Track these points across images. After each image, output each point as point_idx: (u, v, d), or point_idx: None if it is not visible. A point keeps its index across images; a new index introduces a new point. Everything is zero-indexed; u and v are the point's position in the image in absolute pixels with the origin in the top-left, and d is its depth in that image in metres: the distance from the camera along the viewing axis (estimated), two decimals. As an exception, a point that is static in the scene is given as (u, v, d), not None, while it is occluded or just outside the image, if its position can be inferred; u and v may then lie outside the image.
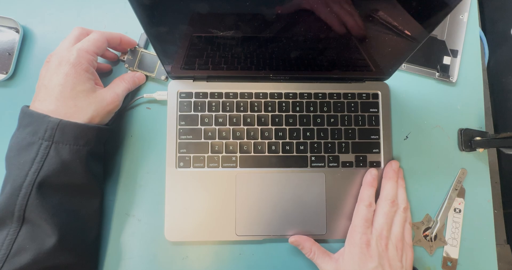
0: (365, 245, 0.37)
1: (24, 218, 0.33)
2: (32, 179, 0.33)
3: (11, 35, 0.44)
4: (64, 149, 0.34)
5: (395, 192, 0.40)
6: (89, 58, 0.37)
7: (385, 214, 0.39)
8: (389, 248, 0.37)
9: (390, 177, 0.41)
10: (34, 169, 0.33)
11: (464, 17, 0.49)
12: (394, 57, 0.38)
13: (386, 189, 0.41)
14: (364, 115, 0.44)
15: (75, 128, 0.35)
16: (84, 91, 0.36)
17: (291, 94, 0.44)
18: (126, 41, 0.42)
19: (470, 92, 0.48)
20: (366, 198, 0.40)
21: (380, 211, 0.39)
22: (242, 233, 0.41)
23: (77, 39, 0.38)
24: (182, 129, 0.42)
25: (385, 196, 0.40)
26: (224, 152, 0.42)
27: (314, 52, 0.37)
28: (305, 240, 0.40)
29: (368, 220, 0.39)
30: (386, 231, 0.38)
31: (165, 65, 0.39)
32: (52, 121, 0.34)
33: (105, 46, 0.40)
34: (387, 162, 0.43)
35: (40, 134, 0.34)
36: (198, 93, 0.43)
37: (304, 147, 0.43)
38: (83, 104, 0.36)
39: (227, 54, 0.37)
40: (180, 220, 0.41)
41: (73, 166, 0.35)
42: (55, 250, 0.33)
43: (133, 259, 0.42)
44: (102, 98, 0.38)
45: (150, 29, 0.32)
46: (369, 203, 0.40)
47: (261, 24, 0.31)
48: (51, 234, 0.33)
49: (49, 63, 0.36)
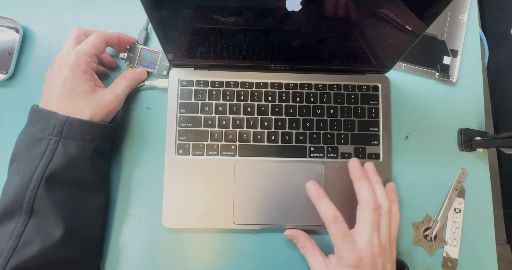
0: (356, 262, 0.34)
1: (32, 210, 0.33)
2: (41, 172, 0.34)
3: (11, 35, 0.44)
4: (71, 144, 0.36)
5: (372, 194, 0.37)
6: (87, 60, 0.38)
7: (370, 222, 0.36)
8: (381, 254, 0.35)
9: (360, 178, 0.38)
10: (43, 163, 0.34)
11: (464, 17, 0.49)
12: (394, 49, 0.38)
13: (362, 194, 0.37)
14: (364, 107, 0.44)
15: (81, 125, 0.36)
16: (83, 93, 0.37)
17: (292, 85, 0.44)
18: (125, 39, 0.43)
19: (470, 92, 0.48)
20: (327, 214, 0.36)
21: (365, 219, 0.36)
22: (240, 222, 0.41)
23: (76, 41, 0.39)
24: (182, 116, 0.43)
25: (365, 202, 0.36)
26: (223, 140, 0.42)
27: (315, 42, 0.37)
28: (300, 235, 0.40)
29: (345, 235, 0.35)
30: (376, 239, 0.35)
31: (167, 52, 0.40)
32: (60, 117, 0.35)
33: (104, 47, 0.40)
34: (386, 154, 0.43)
35: (49, 130, 0.35)
36: (199, 82, 0.43)
37: (304, 137, 0.43)
38: (81, 105, 0.37)
39: (228, 43, 0.37)
40: (178, 207, 0.41)
41: (80, 162, 0.36)
42: (60, 244, 0.34)
43: (133, 259, 0.42)
44: (101, 99, 0.38)
45: (153, 12, 0.32)
46: (334, 218, 0.35)
47: (263, 12, 0.32)
48: (57, 228, 0.34)
49: (53, 67, 0.38)
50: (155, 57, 0.45)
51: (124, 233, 0.42)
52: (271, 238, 0.43)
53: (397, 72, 0.48)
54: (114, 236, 0.42)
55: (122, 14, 0.47)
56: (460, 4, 0.49)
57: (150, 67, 0.45)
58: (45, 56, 0.45)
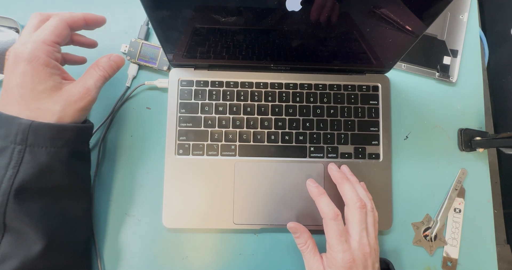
0: (349, 264, 0.34)
1: (5, 226, 0.31)
2: (8, 185, 0.30)
3: (11, 35, 0.44)
4: (40, 152, 0.31)
5: (355, 193, 0.37)
6: (47, 49, 0.32)
7: (359, 222, 0.35)
8: (370, 254, 0.35)
9: (341, 179, 0.38)
10: (9, 175, 0.30)
11: (464, 17, 0.49)
12: (394, 49, 0.38)
13: (347, 194, 0.37)
14: (364, 107, 0.44)
15: (49, 129, 0.32)
16: (46, 90, 0.32)
17: (292, 85, 0.44)
18: (93, 19, 0.37)
19: (470, 92, 0.48)
20: (328, 211, 0.36)
21: (354, 219, 0.36)
22: (240, 222, 0.41)
23: (36, 28, 0.33)
24: (182, 116, 0.43)
25: (351, 201, 0.36)
26: (223, 140, 0.42)
27: (315, 42, 0.37)
28: (303, 231, 0.38)
29: (342, 234, 0.35)
30: (366, 238, 0.35)
31: (167, 52, 0.39)
32: (23, 123, 0.31)
33: (67, 32, 0.34)
34: (386, 154, 0.43)
35: (11, 138, 0.31)
36: (199, 82, 0.43)
37: (304, 137, 0.43)
38: (47, 105, 0.32)
39: (228, 43, 0.37)
40: (178, 207, 0.41)
41: (54, 169, 0.32)
42: (43, 255, 0.32)
43: (133, 259, 0.42)
44: (69, 95, 0.33)
45: (153, 12, 0.32)
46: (335, 215, 0.35)
47: (263, 12, 0.32)
48: (37, 240, 0.32)
49: (8, 60, 0.32)
50: (156, 52, 0.45)
51: (124, 233, 0.42)
52: (271, 238, 0.43)
53: (397, 72, 0.48)
54: (114, 236, 0.42)
55: (123, 15, 0.47)
56: (460, 4, 0.49)
57: (151, 62, 0.45)
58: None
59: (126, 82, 0.45)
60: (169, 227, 0.41)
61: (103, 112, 0.44)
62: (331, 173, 0.40)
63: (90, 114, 0.44)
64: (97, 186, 0.43)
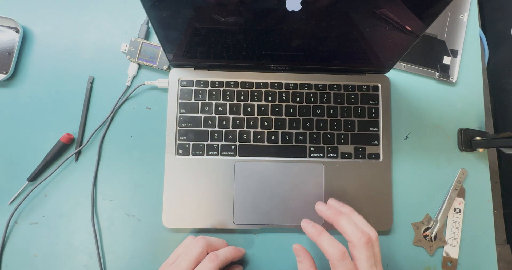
0: None
1: None
2: None
3: (11, 35, 0.44)
4: None
5: (356, 227, 0.34)
6: None
7: (368, 259, 0.33)
8: None
9: (335, 215, 0.35)
10: None
11: (464, 17, 0.49)
12: (394, 49, 0.38)
13: (347, 230, 0.34)
14: (364, 107, 0.44)
15: None
16: None
17: (292, 85, 0.44)
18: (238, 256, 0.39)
19: (470, 92, 0.48)
20: (333, 251, 0.33)
21: (361, 257, 0.33)
22: (240, 222, 0.41)
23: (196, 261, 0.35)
24: (182, 116, 0.43)
25: (355, 238, 0.33)
26: (223, 140, 0.42)
27: (315, 42, 0.37)
28: (307, 257, 0.36)
29: None
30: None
31: (167, 52, 0.40)
32: None
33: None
34: (386, 154, 0.43)
35: None
36: (199, 82, 0.43)
37: (304, 137, 0.43)
38: None
39: (228, 43, 0.37)
40: (178, 207, 0.41)
41: None
42: None
43: (133, 259, 0.42)
44: None
45: (153, 12, 0.32)
46: (341, 254, 0.32)
47: (263, 12, 0.32)
48: None
49: None
50: (156, 51, 0.45)
51: (124, 233, 0.42)
52: (271, 238, 0.43)
53: (397, 72, 0.48)
54: (114, 236, 0.42)
55: (123, 15, 0.47)
56: (460, 4, 0.49)
57: (151, 61, 0.45)
58: (45, 56, 0.45)
59: (126, 82, 0.45)
60: (169, 227, 0.41)
61: (103, 112, 0.44)
62: (322, 214, 0.37)
63: (90, 114, 0.44)
64: (97, 186, 0.43)
